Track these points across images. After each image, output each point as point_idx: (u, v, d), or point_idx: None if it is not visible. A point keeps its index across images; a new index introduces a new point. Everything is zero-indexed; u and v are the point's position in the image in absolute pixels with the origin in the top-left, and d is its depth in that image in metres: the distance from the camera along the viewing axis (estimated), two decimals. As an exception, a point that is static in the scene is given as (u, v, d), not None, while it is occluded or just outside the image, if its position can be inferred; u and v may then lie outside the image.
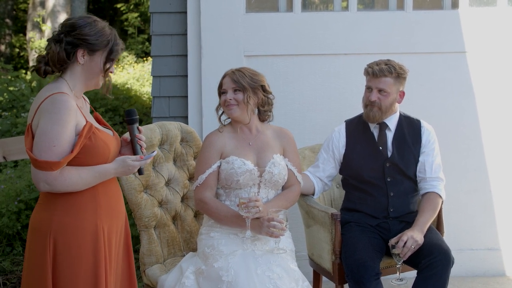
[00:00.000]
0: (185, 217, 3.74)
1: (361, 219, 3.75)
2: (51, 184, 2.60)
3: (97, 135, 2.68)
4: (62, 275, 2.65)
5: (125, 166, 2.74)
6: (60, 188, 2.62)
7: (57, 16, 12.71)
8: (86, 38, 2.68)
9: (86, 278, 2.67)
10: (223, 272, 3.12)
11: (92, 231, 2.69)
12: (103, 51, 2.72)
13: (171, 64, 4.65)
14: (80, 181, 2.64)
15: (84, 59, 2.70)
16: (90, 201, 2.70)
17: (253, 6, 4.70)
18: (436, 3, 4.82)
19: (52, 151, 2.56)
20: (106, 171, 2.71)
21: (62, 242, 2.65)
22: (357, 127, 3.88)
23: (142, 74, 11.79)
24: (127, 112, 2.87)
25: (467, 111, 4.66)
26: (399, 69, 3.71)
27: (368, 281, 3.39)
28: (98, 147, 2.68)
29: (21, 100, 8.88)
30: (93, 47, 2.69)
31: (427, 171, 3.76)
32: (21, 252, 5.24)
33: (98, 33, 2.70)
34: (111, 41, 2.73)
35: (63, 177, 2.60)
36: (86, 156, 2.66)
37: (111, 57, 2.74)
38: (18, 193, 5.59)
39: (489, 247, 4.74)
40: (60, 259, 2.65)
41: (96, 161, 2.69)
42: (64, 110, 2.58)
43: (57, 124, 2.57)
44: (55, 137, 2.57)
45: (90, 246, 2.68)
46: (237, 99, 3.42)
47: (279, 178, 3.46)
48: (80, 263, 2.66)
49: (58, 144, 2.57)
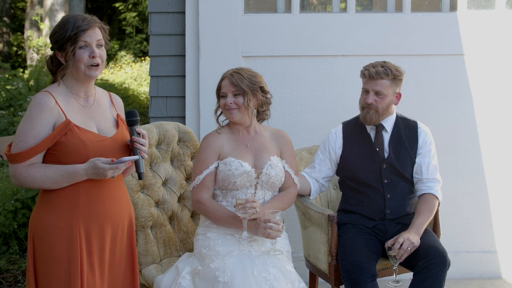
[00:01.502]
0: (181, 217, 3.74)
1: (357, 221, 3.75)
2: (17, 178, 2.68)
3: (75, 133, 2.68)
4: (41, 270, 2.70)
5: (95, 168, 2.67)
6: (25, 183, 2.68)
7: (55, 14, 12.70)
8: (52, 39, 2.75)
9: (59, 277, 2.68)
10: (220, 272, 3.12)
11: (67, 230, 2.69)
12: (69, 41, 2.70)
13: (169, 64, 4.65)
14: (45, 179, 2.67)
15: (63, 58, 2.73)
16: (68, 200, 2.71)
17: (251, 7, 4.70)
18: (434, 5, 4.82)
19: (18, 146, 2.65)
20: (75, 172, 2.68)
21: (39, 239, 2.71)
22: (353, 129, 3.88)
23: (140, 74, 11.79)
24: (127, 114, 2.84)
25: (464, 113, 4.66)
26: (395, 71, 3.71)
27: (364, 282, 3.40)
28: (72, 145, 2.68)
29: (18, 99, 8.87)
30: (60, 43, 2.72)
31: (423, 172, 3.77)
32: (17, 251, 5.24)
33: (58, 29, 2.73)
34: (69, 27, 2.70)
35: (27, 173, 2.66)
36: (61, 153, 2.69)
37: (77, 39, 2.70)
38: (14, 192, 5.58)
39: (485, 249, 4.74)
40: (38, 254, 2.71)
41: (72, 160, 2.69)
42: (35, 107, 2.66)
43: (25, 121, 2.67)
44: (22, 133, 2.66)
45: (64, 245, 2.69)
46: (237, 103, 3.42)
47: (276, 180, 3.46)
48: (53, 261, 2.68)
49: (24, 139, 2.65)
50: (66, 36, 2.69)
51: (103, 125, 2.82)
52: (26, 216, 5.42)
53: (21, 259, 5.09)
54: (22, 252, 5.26)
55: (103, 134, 2.79)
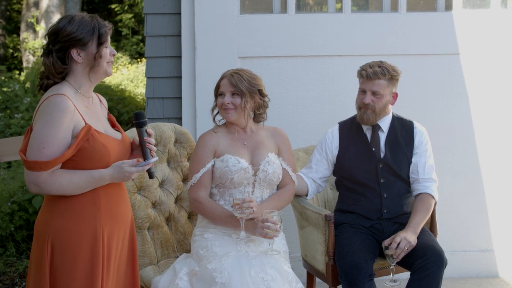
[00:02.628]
0: (178, 218, 3.74)
1: (354, 221, 3.75)
2: (40, 186, 2.57)
3: (96, 138, 2.64)
4: (59, 279, 2.62)
5: (121, 172, 2.67)
6: (49, 190, 2.59)
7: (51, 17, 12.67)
8: (72, 37, 2.65)
9: (82, 283, 2.64)
10: (217, 273, 3.12)
11: (91, 235, 2.65)
12: (92, 39, 2.68)
13: (165, 65, 4.65)
14: (71, 185, 2.60)
15: (81, 56, 2.68)
16: (90, 205, 2.66)
17: (247, 8, 4.70)
18: (430, 5, 4.83)
19: (42, 153, 2.54)
20: (101, 177, 2.66)
21: (60, 246, 2.62)
22: (350, 129, 3.88)
23: (136, 75, 11.78)
24: (136, 115, 2.81)
25: (460, 112, 4.67)
26: (392, 71, 3.72)
27: (361, 282, 3.40)
28: (95, 150, 2.63)
29: (14, 101, 8.85)
30: (82, 41, 2.66)
31: (419, 172, 3.77)
32: (14, 254, 5.23)
33: (80, 26, 2.67)
34: (95, 27, 2.69)
35: (53, 180, 2.57)
36: (84, 159, 2.62)
37: (101, 41, 2.70)
38: (11, 194, 5.57)
39: (482, 248, 4.75)
40: (57, 263, 2.62)
41: (94, 165, 2.65)
42: (57, 111, 2.56)
43: (48, 126, 2.55)
44: (45, 139, 2.54)
45: (87, 251, 2.64)
46: (234, 103, 3.43)
47: (273, 177, 3.46)
48: (76, 267, 2.63)
49: (47, 146, 2.54)
50: (94, 33, 2.68)
51: (105, 127, 2.79)
52: (22, 219, 5.41)
53: (18, 262, 5.08)
54: (19, 254, 5.25)
55: (112, 136, 2.77)
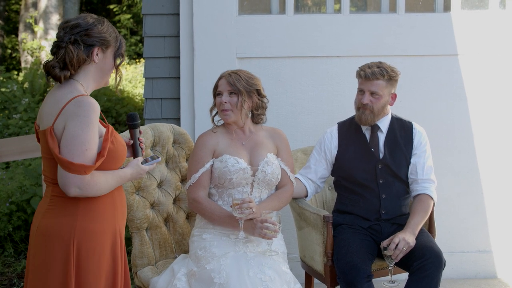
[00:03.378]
0: (177, 219, 3.74)
1: (353, 221, 3.75)
2: (83, 188, 2.54)
3: (117, 139, 2.69)
4: (85, 282, 2.61)
5: (138, 169, 2.78)
6: (90, 192, 2.57)
7: (49, 17, 12.66)
8: (102, 36, 2.67)
9: (107, 281, 2.68)
10: (215, 274, 3.12)
11: (112, 235, 2.69)
12: (114, 47, 2.74)
13: (163, 65, 4.65)
14: (107, 186, 2.63)
15: (99, 57, 2.69)
16: (109, 205, 2.68)
17: (245, 8, 4.70)
18: (428, 6, 4.84)
19: (85, 155, 2.52)
20: (125, 176, 2.73)
21: (86, 248, 2.60)
22: (349, 129, 3.88)
23: (135, 76, 11.78)
24: (130, 117, 2.89)
25: (459, 113, 4.67)
26: (391, 71, 3.72)
27: (359, 283, 3.40)
28: (118, 151, 2.67)
29: (13, 102, 8.85)
30: (108, 43, 2.70)
31: (418, 173, 3.77)
32: (12, 254, 5.22)
33: (109, 29, 2.72)
34: (118, 36, 2.76)
35: (94, 182, 2.57)
36: (109, 160, 2.63)
37: (120, 52, 2.76)
38: (9, 195, 5.57)
39: (480, 249, 4.75)
40: (83, 265, 2.61)
41: (117, 165, 2.70)
42: (92, 113, 2.56)
43: (87, 128, 2.54)
44: (87, 140, 2.53)
45: (109, 251, 2.67)
46: (231, 103, 3.43)
47: (272, 178, 3.46)
48: (101, 268, 2.65)
49: (89, 147, 2.54)
50: (117, 43, 2.74)
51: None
52: (21, 219, 5.40)
53: (16, 262, 5.08)
54: (17, 255, 5.25)
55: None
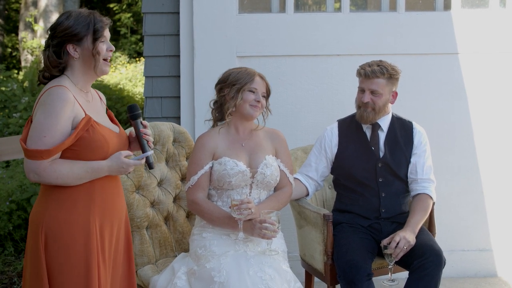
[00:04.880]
0: (177, 217, 3.74)
1: (353, 220, 3.75)
2: (40, 174, 2.61)
3: (96, 129, 2.67)
4: (55, 268, 2.65)
5: (118, 163, 2.71)
6: (49, 179, 2.62)
7: (50, 16, 12.66)
8: (67, 32, 2.68)
9: (78, 273, 2.66)
10: (215, 272, 3.12)
11: (84, 226, 2.67)
12: (87, 35, 2.70)
13: (163, 64, 4.64)
14: (71, 175, 2.64)
15: (77, 51, 2.71)
16: (84, 196, 2.69)
17: (245, 7, 4.70)
18: (428, 4, 4.83)
19: (42, 141, 2.58)
20: (99, 168, 2.69)
21: (53, 236, 2.65)
22: (349, 127, 3.88)
23: (135, 75, 11.78)
24: (129, 108, 2.85)
25: (459, 112, 4.67)
26: (391, 70, 3.71)
27: (360, 281, 3.40)
28: (95, 141, 2.67)
29: (13, 100, 8.85)
30: (77, 36, 2.69)
31: (418, 172, 3.77)
32: (13, 253, 5.22)
33: (76, 21, 2.69)
34: (91, 22, 2.70)
35: (53, 168, 2.61)
36: (84, 149, 2.66)
37: (97, 36, 2.71)
38: (9, 194, 5.57)
39: (480, 248, 4.75)
40: (51, 253, 2.65)
41: (94, 156, 2.68)
42: (58, 102, 2.60)
43: (49, 116, 2.59)
44: (47, 128, 2.59)
45: (81, 241, 2.67)
46: (262, 104, 3.49)
47: (271, 179, 3.46)
48: (70, 258, 2.65)
49: (49, 134, 2.58)
50: (89, 29, 2.69)
51: (104, 120, 2.82)
52: (21, 218, 5.41)
53: (16, 261, 5.08)
54: (18, 253, 5.25)
55: (110, 128, 2.80)
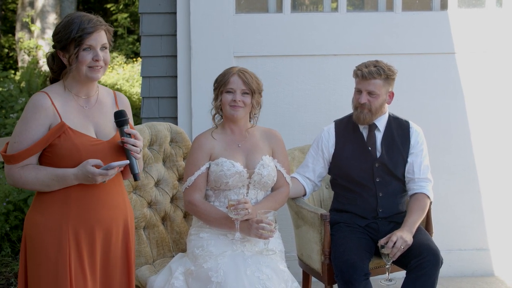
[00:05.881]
0: (174, 217, 3.73)
1: (350, 220, 3.75)
2: (11, 178, 2.70)
3: (69, 136, 2.66)
4: (30, 272, 2.71)
5: (84, 171, 2.63)
6: (18, 184, 2.69)
7: (47, 16, 12.64)
8: (55, 38, 2.72)
9: (48, 277, 2.67)
10: (213, 272, 3.12)
11: (56, 232, 2.69)
12: (72, 41, 2.66)
13: (160, 64, 4.64)
14: (36, 181, 2.67)
15: (66, 58, 2.70)
16: (59, 202, 2.70)
17: (242, 7, 4.70)
18: (425, 4, 4.84)
19: (13, 147, 2.67)
20: (65, 176, 2.66)
21: (30, 240, 2.72)
22: (346, 127, 3.88)
23: (132, 75, 11.77)
24: (114, 114, 2.77)
25: (456, 111, 4.68)
26: (388, 70, 3.71)
27: (357, 281, 3.40)
28: (65, 149, 2.66)
29: (9, 101, 8.83)
30: (63, 43, 2.69)
31: (415, 172, 3.78)
32: (10, 254, 5.22)
33: (62, 28, 2.69)
34: (74, 28, 2.65)
35: (20, 174, 2.67)
36: (54, 156, 2.69)
37: (82, 42, 2.66)
38: (6, 194, 5.56)
39: (477, 247, 4.76)
40: (29, 256, 2.72)
41: (65, 164, 2.67)
42: (30, 108, 2.66)
43: (21, 122, 2.67)
44: (17, 134, 2.67)
45: (53, 246, 2.68)
46: (245, 102, 3.42)
47: (268, 180, 3.46)
48: (42, 261, 2.69)
49: (18, 140, 2.66)
50: (70, 37, 2.65)
51: (103, 127, 2.78)
52: (18, 219, 5.40)
53: (13, 262, 5.07)
54: (15, 254, 5.24)
55: (100, 137, 2.75)
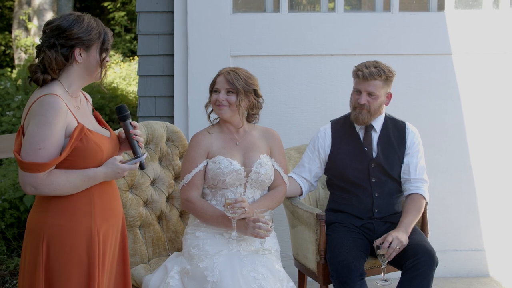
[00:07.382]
0: (170, 216, 3.73)
1: (346, 220, 3.76)
2: (37, 187, 2.56)
3: (89, 137, 2.64)
4: (54, 279, 2.62)
5: (114, 168, 2.69)
6: (46, 191, 2.58)
7: (43, 14, 12.63)
8: (79, 37, 2.66)
9: (79, 281, 2.64)
10: (208, 272, 3.12)
11: (86, 234, 2.66)
12: (97, 43, 2.72)
13: (157, 63, 4.64)
14: (68, 185, 2.60)
15: (82, 56, 2.70)
16: (84, 204, 2.66)
17: (240, 6, 4.70)
18: (422, 5, 4.84)
19: (38, 154, 2.53)
20: (96, 175, 2.67)
21: (55, 245, 2.62)
22: (343, 127, 3.88)
23: (129, 73, 11.76)
24: (118, 109, 2.82)
25: (452, 112, 4.68)
26: (387, 71, 3.71)
27: (352, 281, 3.40)
28: (90, 150, 2.64)
29: (6, 99, 8.83)
30: (88, 42, 2.69)
31: (411, 172, 3.78)
32: (5, 251, 5.21)
33: (88, 28, 2.69)
34: (101, 32, 2.73)
35: (50, 181, 2.57)
36: (78, 158, 2.63)
37: (104, 47, 2.75)
38: (2, 192, 5.55)
39: (473, 248, 4.76)
40: (53, 262, 2.62)
41: (89, 164, 2.66)
42: (51, 112, 2.54)
43: (43, 127, 2.53)
44: (41, 139, 2.53)
45: (83, 249, 2.65)
46: (229, 101, 3.43)
47: (265, 179, 3.46)
48: (73, 265, 2.63)
49: (44, 146, 2.53)
50: (101, 38, 2.72)
51: (93, 125, 2.79)
52: (13, 216, 5.39)
53: (9, 260, 5.06)
54: (10, 252, 5.23)
55: (101, 133, 2.77)
